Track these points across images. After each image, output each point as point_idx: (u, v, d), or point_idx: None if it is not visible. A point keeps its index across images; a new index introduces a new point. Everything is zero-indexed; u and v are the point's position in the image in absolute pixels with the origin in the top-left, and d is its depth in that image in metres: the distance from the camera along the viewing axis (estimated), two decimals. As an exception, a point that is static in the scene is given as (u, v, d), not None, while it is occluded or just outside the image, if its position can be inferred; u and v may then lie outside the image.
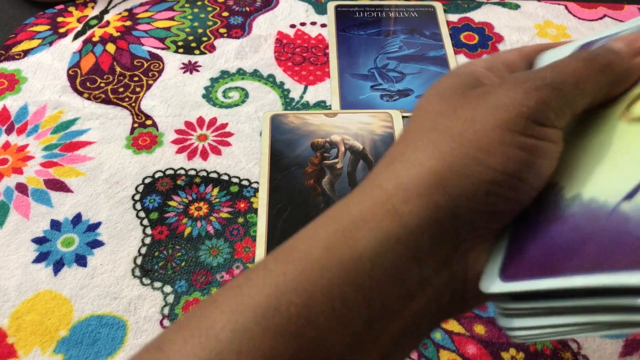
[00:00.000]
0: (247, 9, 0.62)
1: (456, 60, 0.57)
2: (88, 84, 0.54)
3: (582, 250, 0.21)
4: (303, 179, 0.47)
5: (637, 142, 0.23)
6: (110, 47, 0.57)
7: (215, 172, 0.47)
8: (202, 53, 0.57)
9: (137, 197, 0.45)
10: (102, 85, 0.54)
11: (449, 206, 0.22)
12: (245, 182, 0.46)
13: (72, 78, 0.55)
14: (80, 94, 0.53)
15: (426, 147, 0.23)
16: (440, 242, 0.22)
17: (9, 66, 0.56)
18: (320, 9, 0.62)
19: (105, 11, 0.62)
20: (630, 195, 0.21)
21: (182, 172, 0.47)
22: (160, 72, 0.55)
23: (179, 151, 0.49)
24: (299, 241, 0.23)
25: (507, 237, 0.24)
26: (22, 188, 0.46)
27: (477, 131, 0.23)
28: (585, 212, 0.22)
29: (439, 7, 0.62)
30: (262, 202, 0.45)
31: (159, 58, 0.57)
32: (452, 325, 0.39)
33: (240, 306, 0.21)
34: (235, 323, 0.20)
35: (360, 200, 0.23)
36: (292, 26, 0.61)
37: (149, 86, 0.54)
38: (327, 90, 0.54)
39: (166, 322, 0.38)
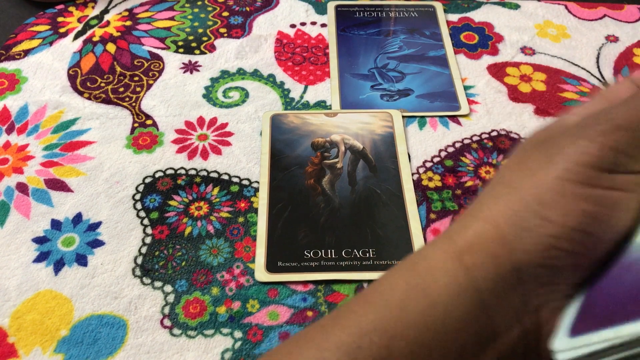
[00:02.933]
0: (247, 8, 0.62)
1: (456, 60, 0.57)
2: (88, 83, 0.54)
3: None
4: (303, 179, 0.47)
5: None
6: (111, 47, 0.58)
7: (215, 171, 0.47)
8: (202, 53, 0.57)
9: (138, 196, 0.45)
10: (103, 85, 0.54)
11: (509, 260, 0.22)
12: (245, 182, 0.46)
13: (72, 78, 0.55)
14: (81, 93, 0.53)
15: (490, 201, 0.23)
16: (505, 295, 0.22)
17: (9, 66, 0.56)
18: (321, 9, 0.63)
19: (106, 11, 0.62)
20: None
21: (183, 171, 0.47)
22: (160, 72, 0.55)
23: (179, 151, 0.49)
24: (379, 286, 0.24)
25: (583, 292, 0.23)
26: (22, 188, 0.46)
27: (537, 183, 0.22)
28: None
29: (439, 7, 0.63)
30: (262, 201, 0.45)
31: (159, 58, 0.57)
32: None
33: (326, 343, 0.22)
34: (321, 358, 0.22)
35: (434, 251, 0.24)
36: (292, 26, 0.61)
37: (149, 86, 0.54)
38: (327, 90, 0.54)
39: (167, 322, 0.39)
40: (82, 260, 0.42)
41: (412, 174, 0.47)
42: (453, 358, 0.22)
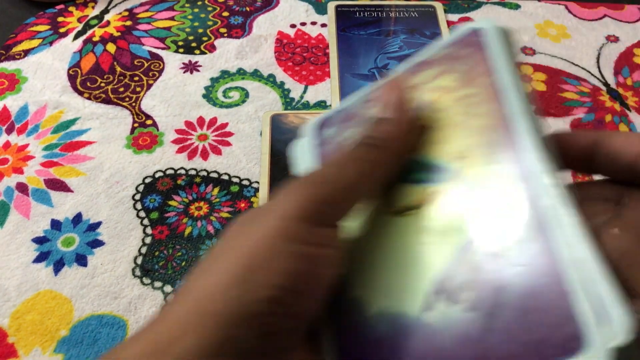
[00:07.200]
0: (248, 8, 0.62)
1: (456, 60, 0.57)
2: (88, 83, 0.54)
3: None
4: (303, 179, 0.46)
5: (409, 241, 0.23)
6: (111, 47, 0.58)
7: (215, 171, 0.47)
8: (202, 53, 0.57)
9: (138, 196, 0.45)
10: (103, 85, 0.54)
11: (222, 335, 0.20)
12: (245, 182, 0.46)
13: (72, 78, 0.55)
14: (81, 93, 0.53)
15: (199, 277, 0.21)
16: None
17: (9, 66, 0.56)
18: (321, 9, 0.62)
19: (106, 11, 0.62)
20: (428, 307, 0.21)
21: (183, 171, 0.47)
22: (160, 72, 0.55)
23: (179, 151, 0.49)
24: None
25: None
26: (22, 188, 0.46)
27: (248, 245, 0.21)
28: (395, 329, 0.22)
29: (439, 7, 0.62)
30: (262, 202, 0.45)
31: (159, 58, 0.57)
32: None
33: None
34: None
35: (137, 340, 0.20)
36: (293, 26, 0.61)
37: (149, 86, 0.54)
38: (328, 90, 0.54)
39: (166, 322, 0.39)
40: (82, 260, 0.42)
41: (412, 174, 0.47)
42: None
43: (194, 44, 0.58)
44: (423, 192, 0.24)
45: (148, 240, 0.43)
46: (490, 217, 0.22)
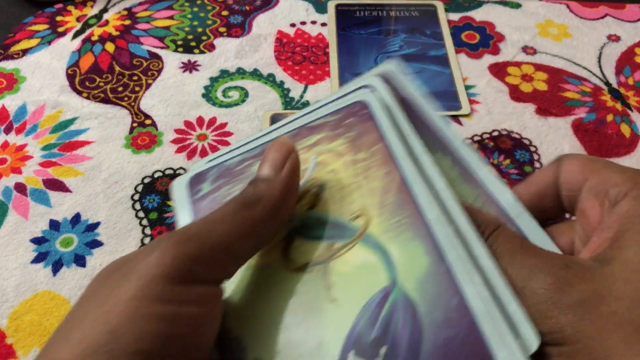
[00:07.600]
0: (247, 7, 0.62)
1: (457, 59, 0.56)
2: (87, 83, 0.54)
3: None
4: (303, 179, 0.46)
5: (316, 298, 0.23)
6: (110, 46, 0.57)
7: (215, 171, 0.47)
8: (201, 52, 0.57)
9: (136, 197, 0.45)
10: (101, 84, 0.54)
11: None
12: (245, 182, 0.46)
13: (71, 77, 0.54)
14: (79, 93, 0.53)
15: (58, 345, 0.19)
16: None
17: (8, 65, 0.55)
18: (321, 8, 0.62)
19: (105, 10, 0.61)
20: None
21: (182, 171, 0.47)
22: (159, 71, 0.55)
23: (179, 151, 0.48)
24: None
25: None
26: (20, 188, 0.46)
27: (110, 308, 0.19)
28: None
29: (439, 6, 0.62)
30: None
31: (158, 57, 0.56)
32: None
33: None
34: None
35: None
36: (292, 25, 0.60)
37: (148, 85, 0.54)
38: (327, 89, 0.54)
39: (165, 323, 0.38)
40: (80, 260, 0.41)
41: (413, 174, 0.47)
42: None
43: (193, 43, 0.58)
44: (325, 248, 0.24)
45: (147, 240, 0.43)
46: (398, 271, 0.22)
